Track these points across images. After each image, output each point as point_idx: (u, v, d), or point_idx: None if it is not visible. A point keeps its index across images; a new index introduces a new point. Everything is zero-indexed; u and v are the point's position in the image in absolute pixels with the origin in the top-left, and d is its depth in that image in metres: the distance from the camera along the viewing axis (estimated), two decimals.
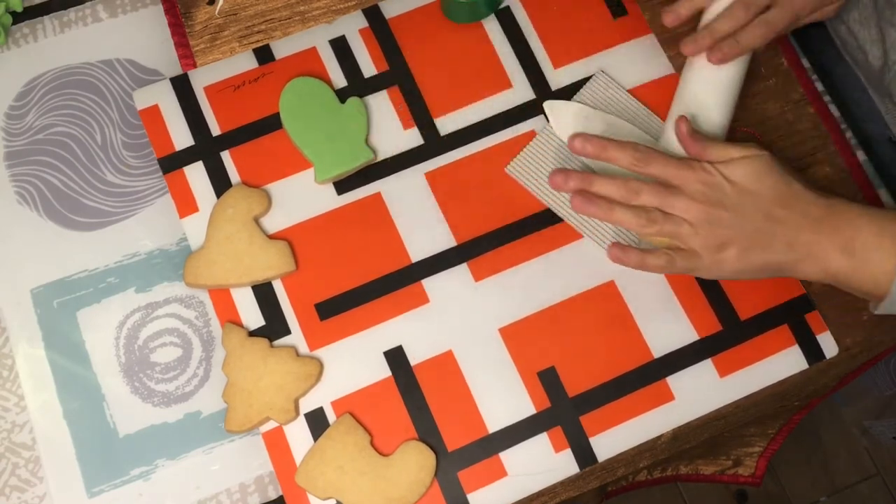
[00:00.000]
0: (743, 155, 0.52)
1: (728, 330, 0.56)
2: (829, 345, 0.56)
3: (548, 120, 0.60)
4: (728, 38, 0.55)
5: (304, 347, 0.55)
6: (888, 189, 0.61)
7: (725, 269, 0.52)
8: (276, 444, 0.54)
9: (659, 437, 0.55)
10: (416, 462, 0.52)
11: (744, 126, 0.61)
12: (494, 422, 0.54)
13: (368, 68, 0.61)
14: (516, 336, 0.56)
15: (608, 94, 0.60)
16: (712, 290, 0.57)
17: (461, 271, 0.57)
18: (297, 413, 0.54)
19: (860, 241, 0.49)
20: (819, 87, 0.63)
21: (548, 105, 0.59)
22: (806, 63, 0.63)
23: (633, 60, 0.62)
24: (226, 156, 0.59)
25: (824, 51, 0.70)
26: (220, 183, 0.59)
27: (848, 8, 0.64)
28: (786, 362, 0.56)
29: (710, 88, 0.56)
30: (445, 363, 0.55)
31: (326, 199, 0.59)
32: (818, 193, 0.51)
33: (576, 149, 0.53)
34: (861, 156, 0.61)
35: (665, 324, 0.56)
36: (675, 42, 0.63)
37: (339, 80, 0.61)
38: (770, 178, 0.51)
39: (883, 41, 0.62)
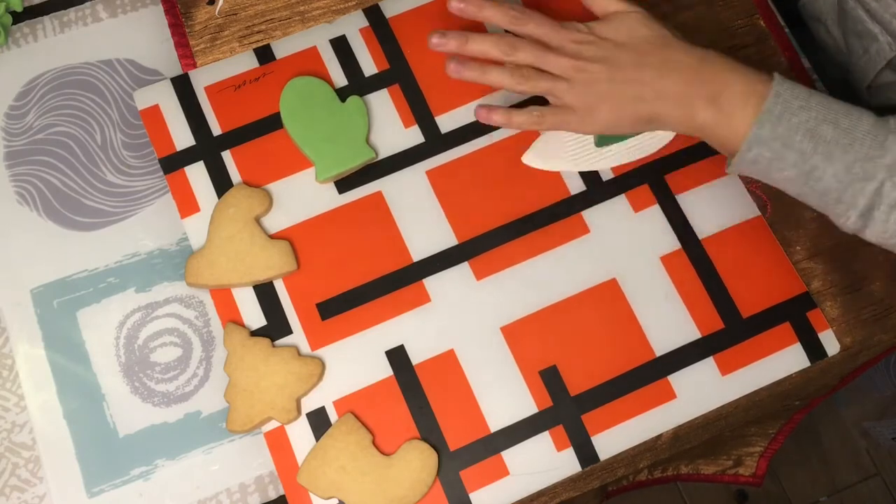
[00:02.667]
0: (617, 10, 0.53)
1: (730, 328, 0.56)
2: (830, 343, 0.56)
3: None
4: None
5: (305, 347, 0.55)
6: None
7: (599, 121, 0.53)
8: (278, 444, 0.53)
9: (659, 437, 0.55)
10: (418, 461, 0.52)
11: None
12: (496, 421, 0.54)
13: (369, 67, 0.61)
14: (518, 335, 0.56)
15: None
16: (714, 288, 0.57)
17: (463, 270, 0.57)
18: (299, 413, 0.54)
19: (726, 95, 0.49)
20: (819, 86, 0.63)
21: None
22: (806, 63, 0.63)
23: None
24: (227, 155, 0.59)
25: (823, 50, 0.70)
26: (221, 183, 0.58)
27: (825, 11, 0.65)
28: (787, 360, 0.56)
29: None
30: (447, 362, 0.55)
31: (327, 199, 0.59)
32: (693, 45, 0.52)
33: (453, 7, 0.54)
34: None
35: (667, 322, 0.56)
36: None
37: (340, 80, 0.61)
38: (644, 30, 0.52)
39: (847, 45, 0.64)
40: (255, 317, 0.56)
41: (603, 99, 0.52)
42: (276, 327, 0.56)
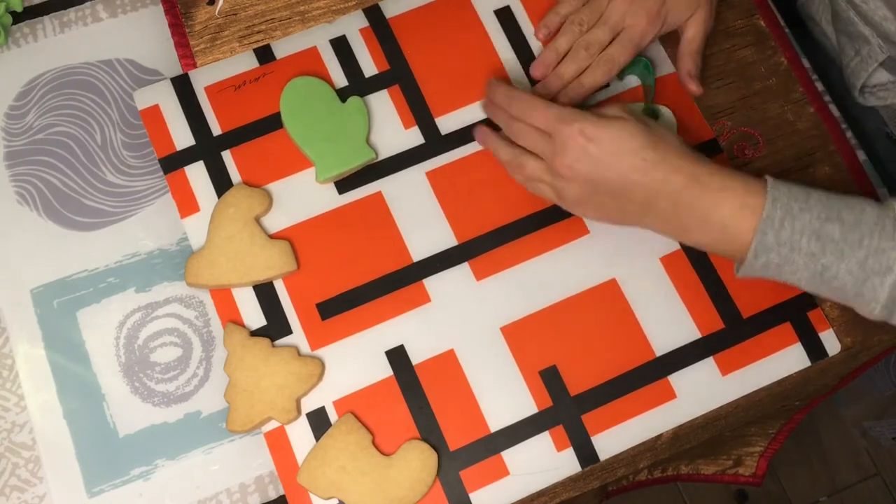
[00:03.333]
0: (613, 116, 0.51)
1: (730, 328, 0.56)
2: (831, 342, 0.56)
3: None
4: (574, 81, 0.58)
5: (305, 347, 0.55)
6: (888, 188, 0.61)
7: (585, 215, 0.55)
8: (278, 444, 0.53)
9: (659, 437, 0.55)
10: (417, 461, 0.52)
11: (744, 126, 0.61)
12: (496, 421, 0.54)
13: (369, 68, 0.61)
14: (518, 335, 0.56)
15: None
16: (714, 288, 0.57)
17: (462, 270, 0.57)
18: (299, 413, 0.54)
19: (717, 216, 0.49)
20: (819, 86, 0.63)
21: None
22: (806, 63, 0.63)
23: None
24: (227, 155, 0.59)
25: (823, 50, 0.70)
26: (221, 183, 0.58)
27: (819, 11, 0.65)
28: (788, 360, 0.56)
29: None
30: (447, 362, 0.55)
31: (327, 199, 0.59)
32: (683, 159, 0.50)
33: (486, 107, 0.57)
34: (861, 155, 0.61)
35: (667, 322, 0.56)
36: (676, 41, 0.63)
37: (340, 80, 0.61)
38: (634, 142, 0.50)
39: (838, 44, 0.63)
40: (255, 317, 0.56)
41: (587, 203, 0.53)
42: (276, 327, 0.56)
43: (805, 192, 0.48)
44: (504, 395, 0.55)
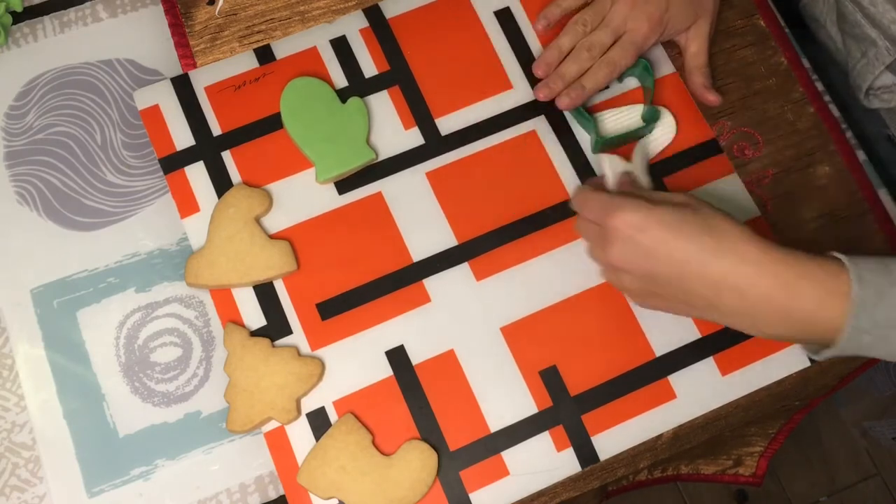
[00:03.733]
0: (666, 200, 0.48)
1: (730, 328, 0.56)
2: None
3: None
4: (576, 82, 0.58)
5: (305, 347, 0.55)
6: (888, 189, 0.61)
7: (654, 308, 0.51)
8: (278, 444, 0.54)
9: (659, 437, 0.55)
10: (417, 461, 0.52)
11: (744, 126, 0.61)
12: (496, 421, 0.54)
13: (369, 68, 0.61)
14: (518, 335, 0.56)
15: None
16: None
17: (462, 270, 0.57)
18: (299, 413, 0.54)
19: (800, 310, 0.45)
20: (819, 86, 0.63)
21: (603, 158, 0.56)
22: (806, 63, 0.63)
23: None
24: (227, 156, 0.59)
25: (823, 51, 0.70)
26: (221, 183, 0.58)
27: (824, 12, 0.65)
28: (787, 360, 0.56)
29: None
30: (447, 362, 0.55)
31: (327, 199, 0.59)
32: (749, 244, 0.45)
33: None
34: (861, 156, 0.61)
35: (667, 322, 0.56)
36: (676, 41, 0.63)
37: (340, 80, 0.61)
38: (686, 228, 0.46)
39: (844, 46, 0.63)
40: (255, 317, 0.56)
41: (655, 297, 0.49)
42: (276, 327, 0.56)
43: (883, 264, 0.44)
44: (504, 395, 0.55)
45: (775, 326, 0.46)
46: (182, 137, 0.60)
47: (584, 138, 0.60)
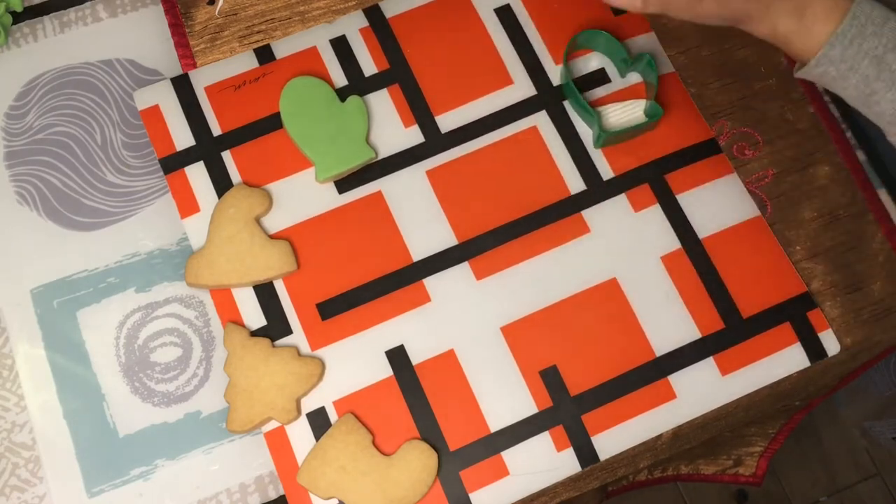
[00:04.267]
0: None
1: (730, 328, 0.56)
2: (830, 343, 0.56)
3: None
4: None
5: (305, 347, 0.55)
6: (888, 189, 0.61)
7: (702, 10, 0.52)
8: (278, 444, 0.53)
9: (659, 437, 0.55)
10: (418, 461, 0.52)
11: (743, 126, 0.61)
12: (496, 421, 0.54)
13: (369, 67, 0.61)
14: (518, 335, 0.56)
15: None
16: (715, 288, 0.57)
17: (462, 270, 0.57)
18: (299, 413, 0.54)
19: (811, 9, 0.50)
20: (819, 88, 0.63)
21: None
22: None
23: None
24: (227, 156, 0.59)
25: None
26: (222, 183, 0.58)
27: None
28: (787, 360, 0.56)
29: None
30: (447, 362, 0.55)
31: (327, 199, 0.59)
32: None
33: None
34: (861, 155, 0.62)
35: (667, 322, 0.56)
36: (676, 41, 0.63)
37: (340, 80, 0.61)
38: None
39: None
40: (255, 317, 0.56)
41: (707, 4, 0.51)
42: (276, 327, 0.56)
43: (884, 17, 0.49)
44: (504, 395, 0.55)
45: (787, 20, 0.50)
46: (182, 137, 0.60)
47: (585, 133, 0.60)
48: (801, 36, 0.51)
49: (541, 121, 0.60)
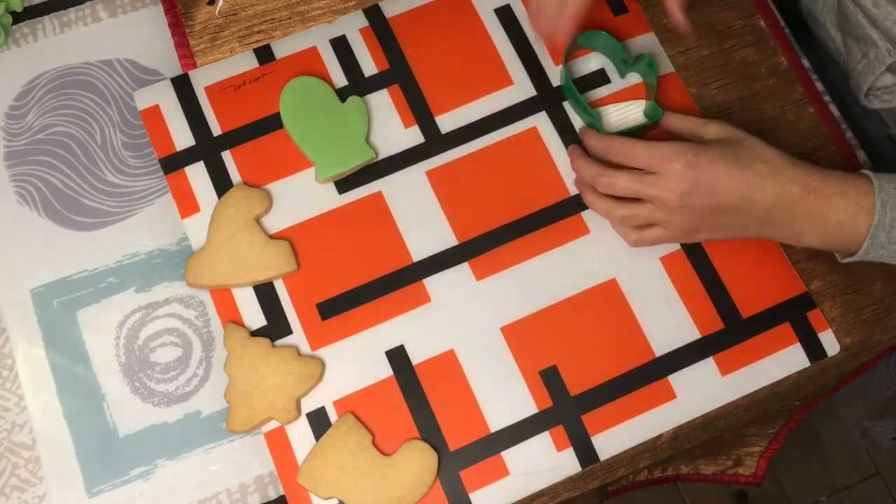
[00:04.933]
0: (715, 138, 0.54)
1: (730, 328, 0.56)
2: (830, 343, 0.56)
3: None
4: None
5: (305, 347, 0.55)
6: None
7: (700, 240, 0.56)
8: (278, 444, 0.54)
9: (659, 437, 0.55)
10: (418, 461, 0.52)
11: (744, 126, 0.61)
12: (496, 421, 0.54)
13: (369, 67, 0.61)
14: (518, 335, 0.56)
15: None
16: (714, 289, 0.57)
17: (462, 270, 0.57)
18: (299, 413, 0.54)
19: (834, 220, 0.52)
20: (819, 86, 0.63)
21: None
22: (806, 63, 0.63)
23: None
24: (227, 156, 0.59)
25: (825, 51, 0.70)
26: (221, 183, 0.58)
27: (824, 12, 0.65)
28: (787, 360, 0.56)
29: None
30: (447, 362, 0.55)
31: (327, 199, 0.59)
32: (793, 167, 0.52)
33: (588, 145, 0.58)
34: (861, 155, 0.61)
35: (667, 322, 0.56)
36: (676, 41, 0.63)
37: (340, 80, 0.61)
38: (744, 159, 0.52)
39: (844, 45, 0.64)
40: (255, 317, 0.56)
41: (701, 231, 0.54)
42: (276, 327, 0.56)
43: None
44: (504, 395, 0.55)
45: (812, 236, 0.53)
46: (182, 137, 0.60)
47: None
48: (833, 244, 0.53)
49: (541, 121, 0.60)
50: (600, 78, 0.62)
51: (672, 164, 0.51)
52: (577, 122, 0.60)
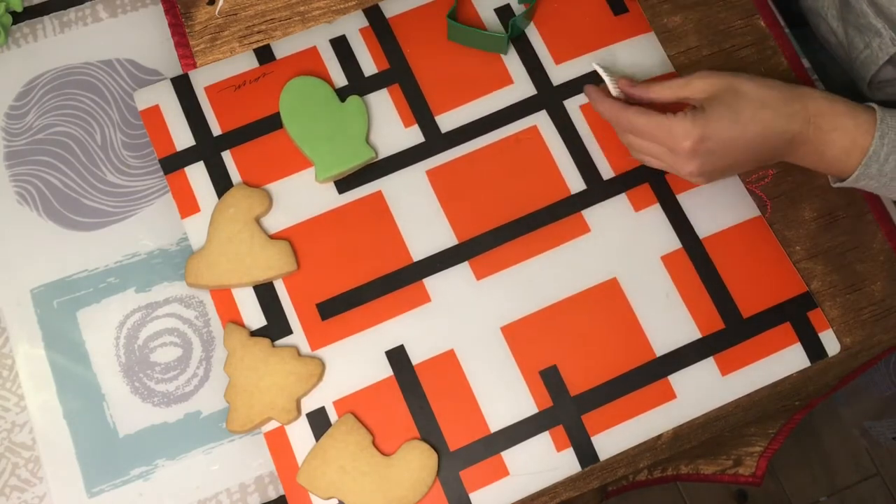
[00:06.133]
0: (706, 96, 0.53)
1: (730, 328, 0.56)
2: (831, 343, 0.56)
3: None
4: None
5: (305, 347, 0.55)
6: None
7: (705, 182, 0.56)
8: (278, 444, 0.53)
9: (659, 437, 0.55)
10: (418, 461, 0.52)
11: None
12: (496, 421, 0.54)
13: (369, 67, 0.61)
14: (518, 335, 0.56)
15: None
16: (715, 288, 0.57)
17: (462, 270, 0.57)
18: (299, 413, 0.54)
19: (830, 154, 0.53)
20: (819, 87, 0.63)
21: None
22: (806, 63, 0.63)
23: (633, 57, 0.62)
24: (227, 156, 0.59)
25: (823, 50, 0.70)
26: (221, 183, 0.58)
27: (825, 5, 0.65)
28: (788, 360, 0.56)
29: None
30: (447, 362, 0.55)
31: (327, 199, 0.59)
32: (792, 103, 0.52)
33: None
34: None
35: (667, 322, 0.56)
36: (676, 41, 0.63)
37: (340, 79, 0.61)
38: (744, 112, 0.52)
39: (846, 36, 0.64)
40: (255, 317, 0.56)
41: (724, 171, 0.54)
42: (276, 327, 0.56)
43: None
44: (504, 395, 0.55)
45: (809, 163, 0.54)
46: (182, 137, 0.60)
47: (585, 133, 0.60)
48: (829, 169, 0.54)
49: (541, 120, 0.60)
50: (600, 77, 0.62)
51: (682, 144, 0.52)
52: (578, 120, 0.60)
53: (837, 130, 0.52)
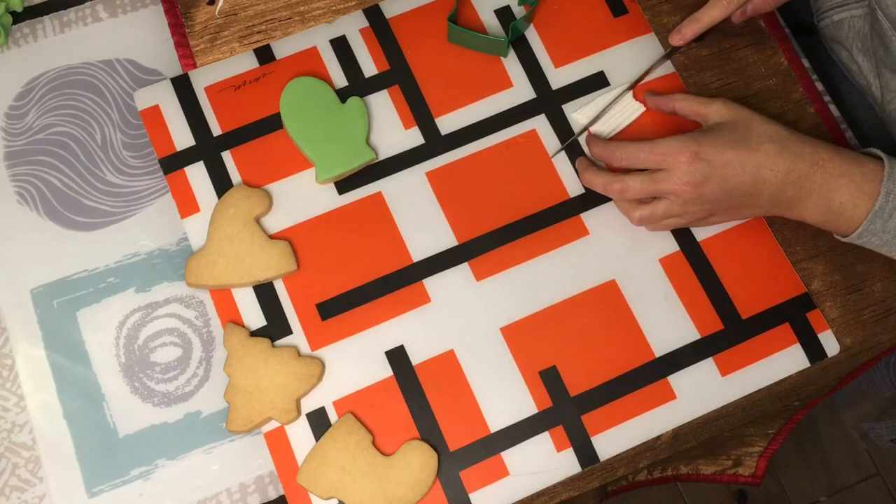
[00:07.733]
0: (719, 120, 0.54)
1: (729, 329, 0.56)
2: (830, 343, 0.56)
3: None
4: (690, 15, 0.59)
5: (305, 347, 0.55)
6: None
7: (715, 223, 0.57)
8: (278, 444, 0.54)
9: (659, 437, 0.55)
10: (417, 462, 0.52)
11: None
12: (496, 421, 0.54)
13: (369, 68, 0.61)
14: (518, 335, 0.56)
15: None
16: (713, 290, 0.57)
17: (462, 271, 0.57)
18: (299, 413, 0.54)
19: (837, 201, 0.52)
20: (819, 87, 0.63)
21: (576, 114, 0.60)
22: (806, 63, 0.63)
23: (633, 59, 0.62)
24: (227, 156, 0.59)
25: (824, 50, 0.70)
26: (221, 183, 0.58)
27: (850, 38, 0.65)
28: (787, 361, 0.56)
29: None
30: (447, 363, 0.55)
31: (327, 199, 0.59)
32: (800, 144, 0.52)
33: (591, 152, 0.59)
34: None
35: (666, 322, 0.56)
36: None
37: (340, 80, 0.61)
38: (750, 140, 0.52)
39: (879, 77, 0.63)
40: (255, 317, 0.56)
41: (715, 214, 0.55)
42: (276, 327, 0.56)
43: None
44: (504, 396, 0.55)
45: (815, 214, 0.53)
46: (182, 137, 0.60)
47: (584, 136, 0.60)
48: (832, 223, 0.53)
49: (540, 124, 0.60)
50: (600, 80, 0.62)
51: (679, 158, 0.52)
52: (577, 125, 0.60)
53: (844, 176, 0.52)
